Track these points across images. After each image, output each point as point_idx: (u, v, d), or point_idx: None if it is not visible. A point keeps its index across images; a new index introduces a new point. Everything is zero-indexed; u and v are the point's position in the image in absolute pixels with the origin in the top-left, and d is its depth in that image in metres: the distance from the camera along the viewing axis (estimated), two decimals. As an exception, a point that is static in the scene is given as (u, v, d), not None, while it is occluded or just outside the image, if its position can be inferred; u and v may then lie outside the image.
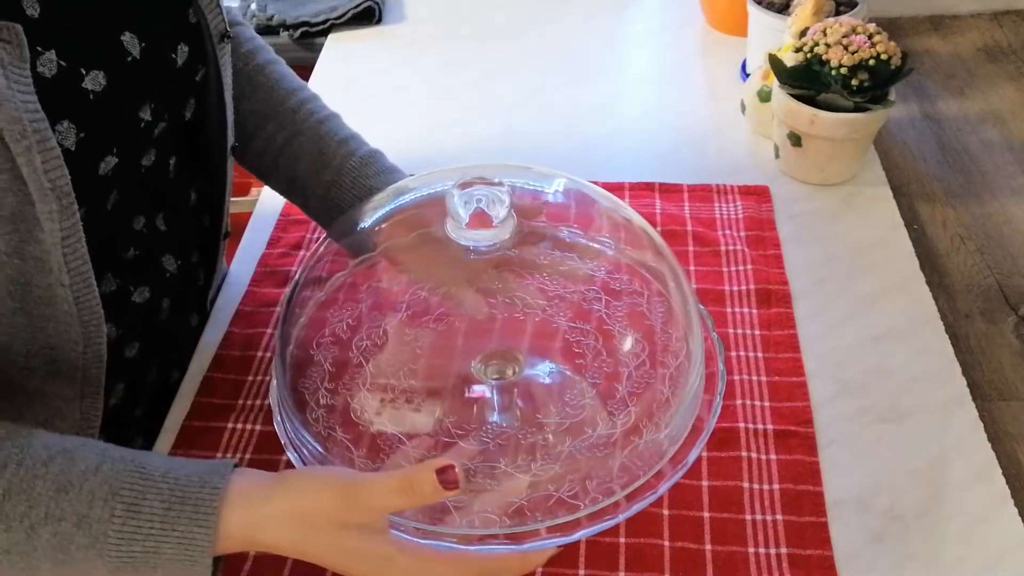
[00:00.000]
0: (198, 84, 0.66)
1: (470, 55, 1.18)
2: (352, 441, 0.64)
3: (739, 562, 0.58)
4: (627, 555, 0.59)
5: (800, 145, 0.88)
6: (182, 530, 0.47)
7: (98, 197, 0.58)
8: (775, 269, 0.79)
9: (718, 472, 0.63)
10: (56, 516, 0.47)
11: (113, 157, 0.57)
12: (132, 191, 0.62)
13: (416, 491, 0.48)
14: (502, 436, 0.65)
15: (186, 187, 0.70)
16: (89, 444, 0.50)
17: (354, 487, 0.49)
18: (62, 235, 0.51)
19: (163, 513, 0.47)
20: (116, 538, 0.47)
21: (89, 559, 0.47)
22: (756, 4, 1.02)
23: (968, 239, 2.00)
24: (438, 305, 0.69)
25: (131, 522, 0.47)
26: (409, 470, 0.49)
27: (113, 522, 0.47)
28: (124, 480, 0.48)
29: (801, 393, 0.68)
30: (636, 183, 0.90)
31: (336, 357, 0.67)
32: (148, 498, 0.47)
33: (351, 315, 0.70)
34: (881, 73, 0.83)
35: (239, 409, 0.69)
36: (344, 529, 0.49)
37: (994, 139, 2.28)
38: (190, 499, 0.48)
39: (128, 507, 0.47)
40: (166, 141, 0.64)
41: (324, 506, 0.48)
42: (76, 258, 0.53)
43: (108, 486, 0.47)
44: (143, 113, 0.60)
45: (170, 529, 0.47)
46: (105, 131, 0.56)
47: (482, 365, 0.67)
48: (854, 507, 0.62)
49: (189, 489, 0.48)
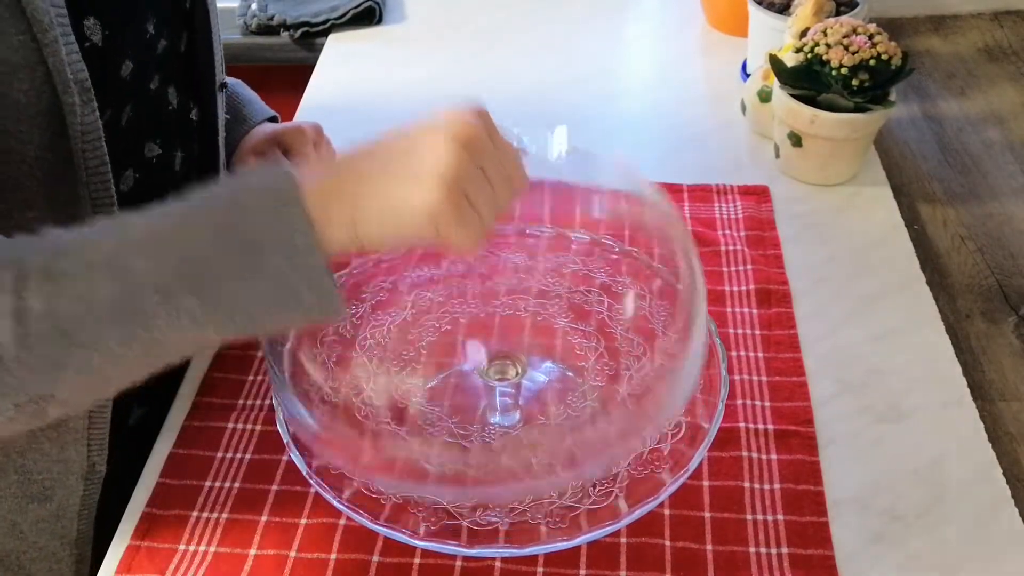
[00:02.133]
0: (188, 13, 0.68)
1: (470, 55, 1.18)
2: (353, 441, 0.64)
3: (740, 562, 0.58)
4: (628, 555, 0.59)
5: (800, 145, 0.88)
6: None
7: (119, 103, 0.61)
8: (775, 269, 0.79)
9: (719, 472, 0.63)
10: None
11: (130, 62, 0.60)
12: (143, 112, 0.64)
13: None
14: (504, 438, 0.65)
15: (184, 122, 0.71)
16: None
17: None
18: (82, 129, 0.54)
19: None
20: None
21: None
22: (756, 4, 1.02)
23: (968, 239, 2.00)
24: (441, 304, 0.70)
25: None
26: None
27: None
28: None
29: (801, 393, 0.68)
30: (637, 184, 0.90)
31: (339, 355, 0.67)
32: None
33: (356, 314, 0.70)
34: (882, 73, 0.83)
35: (239, 409, 0.69)
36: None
37: (995, 139, 2.28)
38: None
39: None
40: (166, 66, 0.66)
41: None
42: (95, 157, 0.56)
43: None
44: (148, 25, 0.62)
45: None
46: (123, 34, 0.59)
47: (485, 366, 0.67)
48: (854, 507, 0.62)
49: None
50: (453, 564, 0.58)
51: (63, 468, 0.63)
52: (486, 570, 0.58)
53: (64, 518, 0.66)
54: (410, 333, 0.70)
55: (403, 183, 0.46)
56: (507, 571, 0.58)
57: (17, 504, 0.64)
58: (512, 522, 0.59)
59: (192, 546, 0.60)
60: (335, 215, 0.46)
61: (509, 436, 0.64)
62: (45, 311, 0.43)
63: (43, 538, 0.66)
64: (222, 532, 0.61)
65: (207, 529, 0.61)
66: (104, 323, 0.44)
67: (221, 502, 0.63)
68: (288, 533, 0.61)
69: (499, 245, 0.74)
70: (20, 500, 0.64)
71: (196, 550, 0.60)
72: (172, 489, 0.64)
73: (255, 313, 0.46)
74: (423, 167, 0.45)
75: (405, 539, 0.56)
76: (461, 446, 0.64)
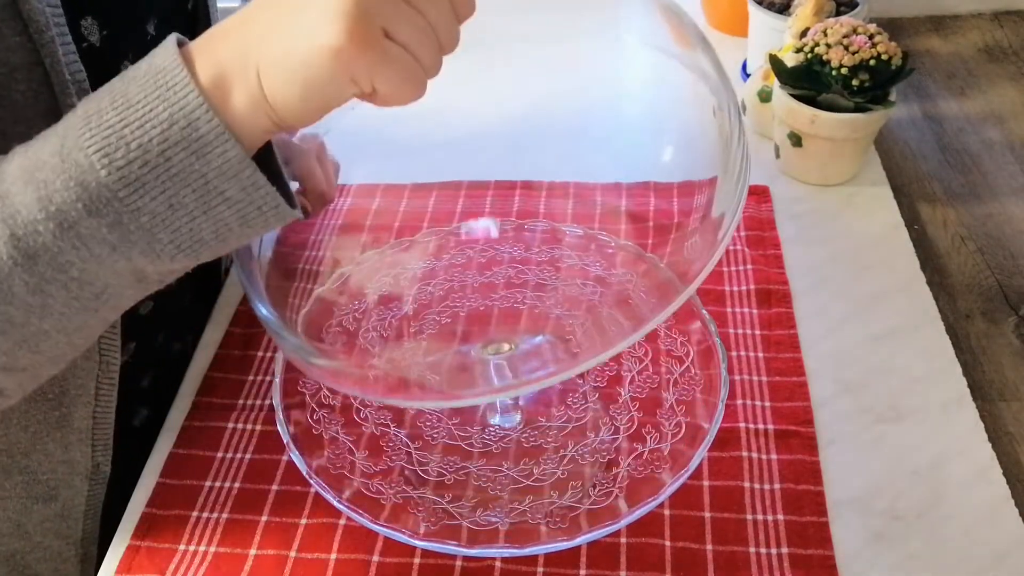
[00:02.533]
0: (190, 13, 0.68)
1: (470, 55, 1.18)
2: (354, 442, 0.65)
3: (740, 562, 0.58)
4: (628, 555, 0.59)
5: (800, 145, 0.88)
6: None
7: None
8: (775, 269, 0.79)
9: (719, 472, 0.63)
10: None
11: (130, 63, 0.59)
12: None
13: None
14: (505, 439, 0.65)
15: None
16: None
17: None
18: None
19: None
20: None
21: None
22: (756, 4, 1.02)
23: (969, 239, 2.00)
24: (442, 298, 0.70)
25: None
26: None
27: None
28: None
29: (801, 393, 0.68)
30: (634, 183, 0.90)
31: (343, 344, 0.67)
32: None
33: (358, 308, 0.70)
34: (882, 73, 0.83)
35: (239, 409, 0.69)
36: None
37: (995, 139, 2.28)
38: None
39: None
40: None
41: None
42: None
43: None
44: (149, 26, 0.62)
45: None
46: (122, 34, 0.58)
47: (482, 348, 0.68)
48: (854, 507, 0.62)
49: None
50: (453, 564, 0.58)
51: (68, 469, 0.63)
52: (486, 570, 0.58)
53: (69, 518, 0.66)
54: (412, 326, 0.70)
55: (298, 23, 0.38)
56: (507, 571, 0.58)
57: (22, 504, 0.64)
58: (512, 522, 0.59)
59: (192, 546, 0.60)
60: (236, 85, 0.39)
61: (509, 438, 0.64)
62: None
63: (48, 538, 0.66)
64: (222, 532, 0.61)
65: (207, 529, 0.61)
66: (2, 271, 0.40)
67: (221, 502, 0.63)
68: (288, 533, 0.61)
69: (499, 241, 0.75)
70: (25, 500, 0.64)
71: (196, 550, 0.60)
72: (172, 489, 0.64)
73: (178, 225, 0.40)
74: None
75: (405, 539, 0.56)
76: (462, 448, 0.64)
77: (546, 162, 0.78)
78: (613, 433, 0.65)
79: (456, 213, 0.78)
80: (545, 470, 0.62)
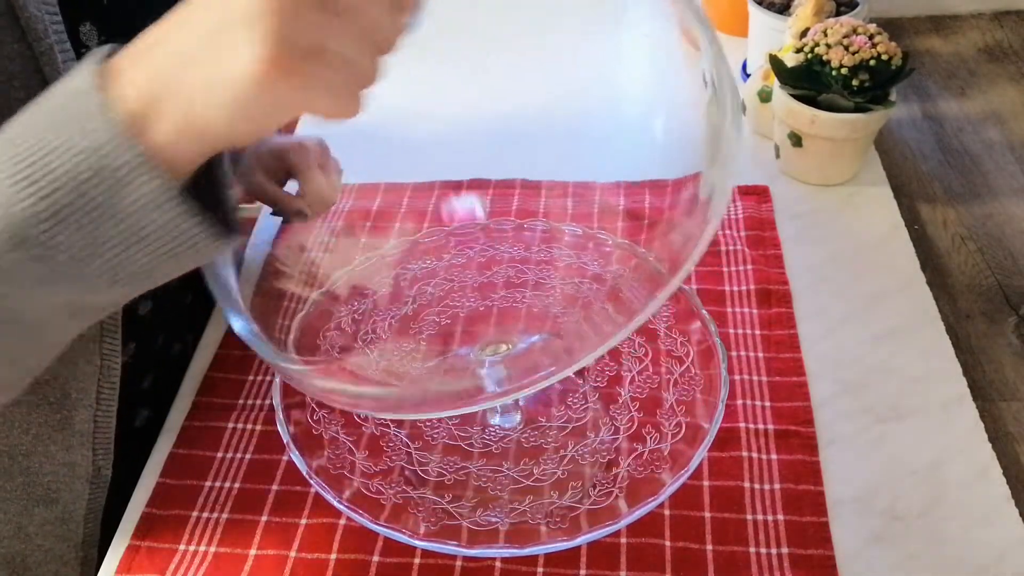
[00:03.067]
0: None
1: (469, 56, 1.18)
2: (354, 443, 0.65)
3: (740, 562, 0.58)
4: (628, 555, 0.59)
5: (800, 145, 0.88)
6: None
7: None
8: (775, 269, 0.79)
9: (719, 472, 0.63)
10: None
11: None
12: None
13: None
14: (505, 440, 0.65)
15: None
16: None
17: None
18: None
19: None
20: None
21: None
22: (756, 4, 1.02)
23: (969, 239, 2.00)
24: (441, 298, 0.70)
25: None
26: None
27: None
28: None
29: (801, 393, 0.68)
30: (633, 182, 0.90)
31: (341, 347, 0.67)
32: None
33: (357, 310, 0.71)
34: (882, 73, 0.83)
35: (239, 409, 0.69)
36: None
37: (995, 139, 2.28)
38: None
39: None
40: None
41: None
42: None
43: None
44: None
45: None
46: (121, 41, 0.57)
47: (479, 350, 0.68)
48: (854, 507, 0.62)
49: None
50: (453, 564, 0.58)
51: (69, 472, 0.63)
52: (486, 570, 0.58)
53: (70, 521, 0.66)
54: (411, 327, 0.70)
55: (218, 45, 0.35)
56: (507, 571, 0.58)
57: (23, 507, 0.64)
58: (512, 522, 0.59)
59: (192, 546, 0.60)
60: (158, 110, 0.36)
61: (509, 438, 0.64)
62: None
63: (49, 541, 0.66)
64: (222, 532, 0.61)
65: (207, 529, 0.61)
66: None
67: (221, 502, 0.63)
68: (288, 533, 0.61)
69: (498, 241, 0.75)
70: (26, 503, 0.64)
71: (196, 550, 0.60)
72: (172, 489, 0.64)
73: (108, 257, 0.38)
74: (230, 13, 0.34)
75: (405, 539, 0.56)
76: (462, 448, 0.64)
77: (546, 161, 0.78)
78: (613, 433, 0.65)
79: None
80: (545, 470, 0.62)
